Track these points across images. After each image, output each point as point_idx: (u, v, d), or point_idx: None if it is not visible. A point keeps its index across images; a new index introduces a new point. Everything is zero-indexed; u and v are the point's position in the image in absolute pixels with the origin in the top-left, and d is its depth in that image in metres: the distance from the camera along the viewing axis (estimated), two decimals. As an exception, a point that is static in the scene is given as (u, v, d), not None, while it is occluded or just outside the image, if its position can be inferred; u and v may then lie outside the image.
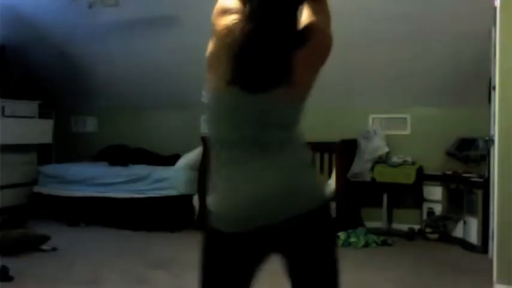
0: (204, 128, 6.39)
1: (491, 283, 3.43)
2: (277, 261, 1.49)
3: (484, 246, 4.46)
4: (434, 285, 3.75)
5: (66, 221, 5.63)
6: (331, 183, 5.09)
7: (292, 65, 1.38)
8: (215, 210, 1.49)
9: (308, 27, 1.45)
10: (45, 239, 4.59)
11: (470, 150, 5.07)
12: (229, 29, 1.41)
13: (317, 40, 1.45)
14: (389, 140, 5.40)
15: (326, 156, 5.70)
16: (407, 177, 5.07)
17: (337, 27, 1.65)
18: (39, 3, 5.84)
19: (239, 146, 1.45)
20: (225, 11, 1.45)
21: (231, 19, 1.42)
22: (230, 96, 1.42)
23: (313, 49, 1.44)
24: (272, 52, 1.37)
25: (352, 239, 4.79)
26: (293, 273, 1.47)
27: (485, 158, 4.73)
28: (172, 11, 5.45)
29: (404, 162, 5.19)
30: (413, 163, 5.22)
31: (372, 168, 5.19)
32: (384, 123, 5.61)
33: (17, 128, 5.99)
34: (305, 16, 1.49)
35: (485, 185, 4.46)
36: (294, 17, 1.43)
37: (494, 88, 3.73)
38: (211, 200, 1.51)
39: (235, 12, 1.43)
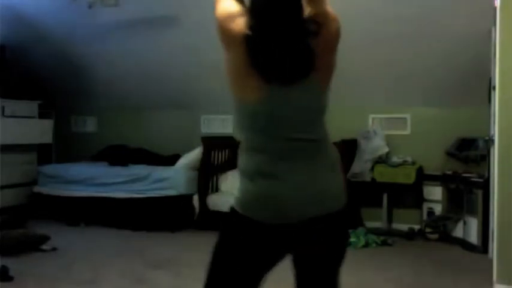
0: (204, 128, 6.41)
1: (491, 283, 3.43)
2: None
3: (484, 246, 4.46)
4: (434, 285, 3.74)
5: (66, 221, 5.63)
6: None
7: (313, 51, 1.41)
8: (250, 199, 1.48)
9: (316, 14, 1.46)
10: (45, 239, 4.59)
11: (470, 150, 5.08)
12: (242, 34, 1.41)
13: (328, 26, 1.47)
14: (389, 140, 5.39)
15: (326, 156, 5.70)
16: (407, 177, 5.07)
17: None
18: (39, 3, 5.84)
19: (278, 145, 1.47)
20: (231, 16, 1.44)
21: (240, 23, 1.42)
22: (262, 97, 1.43)
23: (327, 35, 1.46)
24: (291, 43, 1.39)
25: (352, 239, 4.78)
26: (301, 269, 1.53)
27: (485, 158, 4.73)
28: (172, 11, 5.45)
29: (404, 162, 5.19)
30: (413, 163, 5.22)
31: (372, 168, 5.20)
32: (384, 123, 5.61)
33: (17, 128, 5.99)
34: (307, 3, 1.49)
35: (485, 185, 4.46)
36: (299, 7, 1.44)
37: (494, 88, 3.73)
38: (245, 188, 1.50)
39: (241, 15, 1.43)
